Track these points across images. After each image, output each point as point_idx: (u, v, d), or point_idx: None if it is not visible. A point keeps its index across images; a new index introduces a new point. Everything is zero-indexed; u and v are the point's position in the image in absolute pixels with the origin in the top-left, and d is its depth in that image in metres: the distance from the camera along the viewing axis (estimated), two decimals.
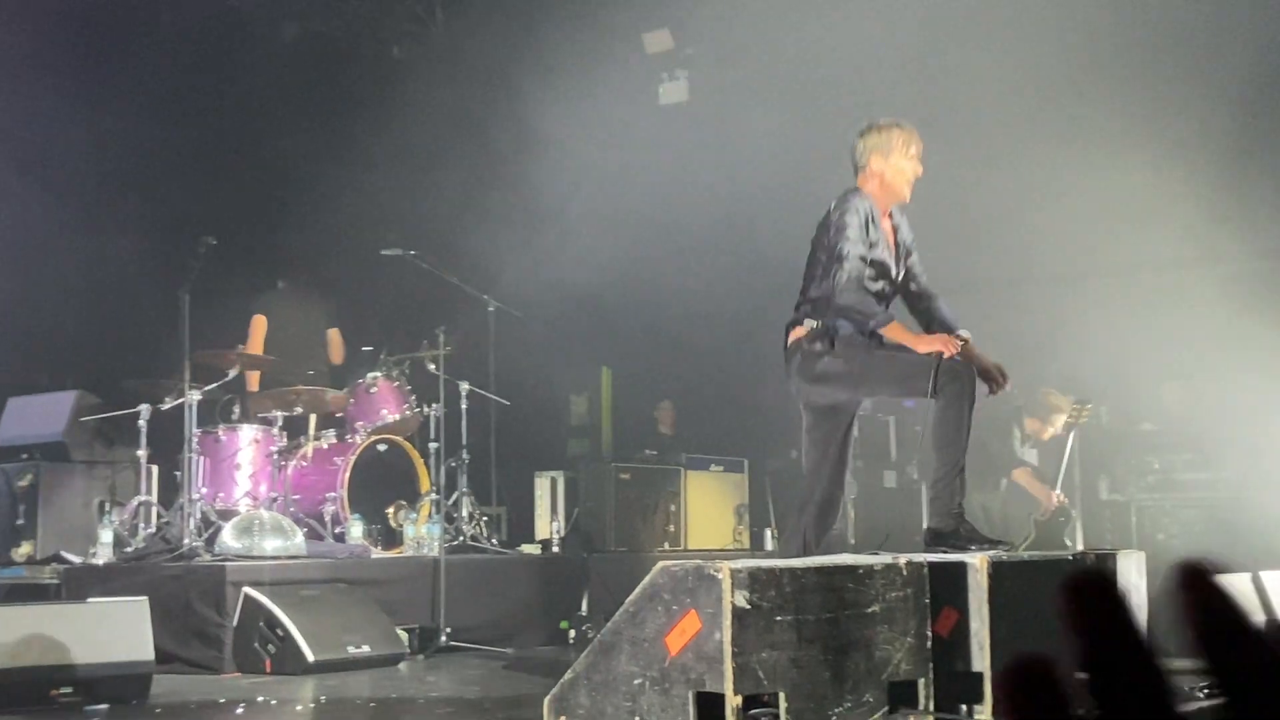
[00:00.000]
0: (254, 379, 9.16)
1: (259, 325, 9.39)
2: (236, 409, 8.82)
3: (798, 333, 5.55)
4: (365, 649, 6.98)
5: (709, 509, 10.67)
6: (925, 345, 5.37)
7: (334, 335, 9.78)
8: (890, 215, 5.69)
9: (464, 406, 9.16)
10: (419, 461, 8.95)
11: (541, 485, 10.34)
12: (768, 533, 10.65)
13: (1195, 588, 0.72)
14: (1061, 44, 9.76)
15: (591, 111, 11.82)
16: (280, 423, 8.60)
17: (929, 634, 4.72)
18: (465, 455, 9.10)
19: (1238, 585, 5.72)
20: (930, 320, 5.77)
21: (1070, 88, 9.92)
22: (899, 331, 5.41)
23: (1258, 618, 0.76)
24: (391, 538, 8.77)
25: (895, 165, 5.58)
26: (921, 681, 4.66)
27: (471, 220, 11.60)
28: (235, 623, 6.94)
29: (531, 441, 11.41)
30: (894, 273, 5.65)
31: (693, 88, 12.56)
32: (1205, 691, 0.73)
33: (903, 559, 4.80)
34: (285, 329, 9.44)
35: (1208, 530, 9.40)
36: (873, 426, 11.33)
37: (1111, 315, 9.75)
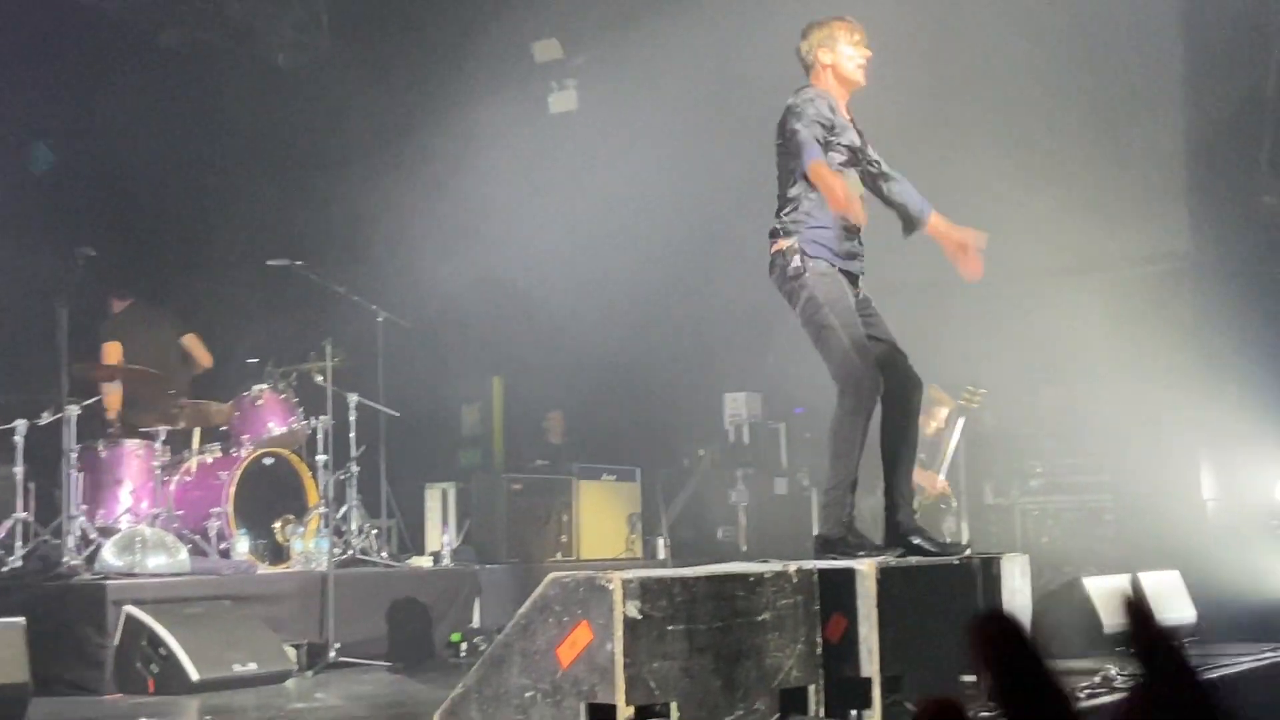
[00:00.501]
0: (113, 398, 8.89)
1: (111, 352, 9.12)
2: (116, 425, 8.63)
3: (777, 245, 5.54)
4: (251, 667, 6.85)
5: (602, 518, 10.66)
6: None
7: (191, 341, 9.55)
8: (857, 129, 5.74)
9: (353, 418, 9.05)
10: (306, 475, 8.82)
11: (432, 497, 10.25)
12: (660, 541, 10.68)
13: (994, 642, 0.77)
14: (940, 59, 9.94)
15: (481, 120, 11.78)
16: (163, 437, 8.42)
17: (819, 640, 4.76)
18: (354, 468, 9.00)
19: (1116, 586, 5.84)
20: (902, 206, 5.81)
21: (952, 99, 10.10)
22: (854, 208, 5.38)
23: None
24: (278, 553, 8.62)
25: (843, 53, 5.68)
26: (812, 688, 4.69)
27: (360, 230, 11.49)
28: (116, 642, 6.78)
29: (422, 453, 11.32)
30: (867, 156, 5.70)
31: (582, 97, 12.56)
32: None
33: (792, 566, 4.83)
34: (137, 348, 9.16)
35: (1089, 533, 9.60)
36: (763, 434, 11.42)
37: (993, 321, 9.92)
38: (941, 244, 5.83)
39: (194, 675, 6.57)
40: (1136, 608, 0.81)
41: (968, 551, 5.71)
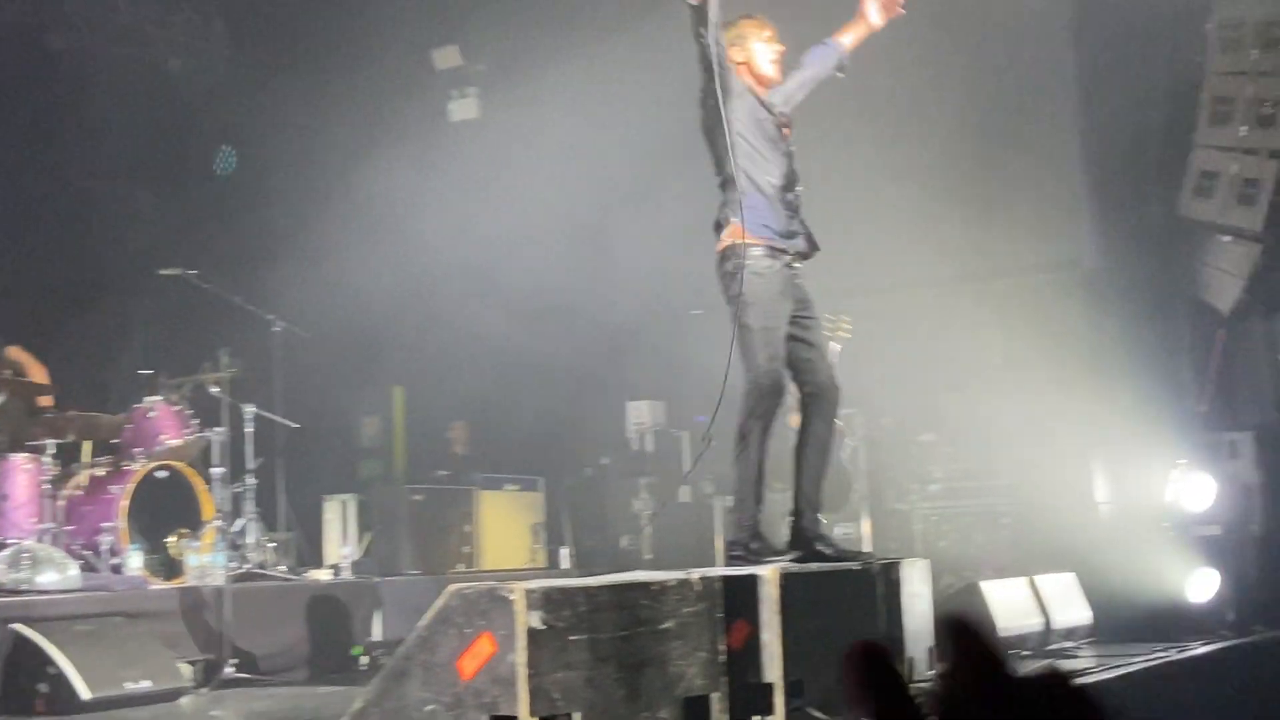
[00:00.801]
0: None
1: None
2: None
3: (721, 242, 5.55)
4: (145, 685, 6.69)
5: (505, 529, 10.59)
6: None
7: (14, 353, 9.11)
8: (771, 106, 5.76)
9: (249, 430, 8.90)
10: (201, 488, 8.65)
11: (332, 509, 10.12)
12: (564, 551, 10.63)
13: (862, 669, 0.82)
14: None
15: (380, 127, 11.68)
16: (52, 451, 8.21)
17: (722, 648, 4.76)
18: (251, 480, 8.85)
19: (1013, 589, 5.91)
20: (822, 62, 5.94)
21: (851, 112, 10.19)
22: None
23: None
24: (173, 568, 8.45)
25: (755, 50, 5.72)
26: (715, 696, 4.69)
27: (256, 238, 11.32)
28: (3, 662, 6.59)
29: (321, 464, 11.16)
30: (788, 155, 5.73)
31: (484, 105, 12.50)
32: None
33: (695, 574, 4.82)
34: None
35: (986, 536, 9.73)
36: (666, 441, 11.43)
37: (893, 329, 10.02)
38: (868, 29, 5.97)
39: (85, 694, 6.40)
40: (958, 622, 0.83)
41: (869, 556, 5.75)
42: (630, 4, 10.75)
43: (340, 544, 9.83)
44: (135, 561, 8.07)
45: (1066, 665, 6.28)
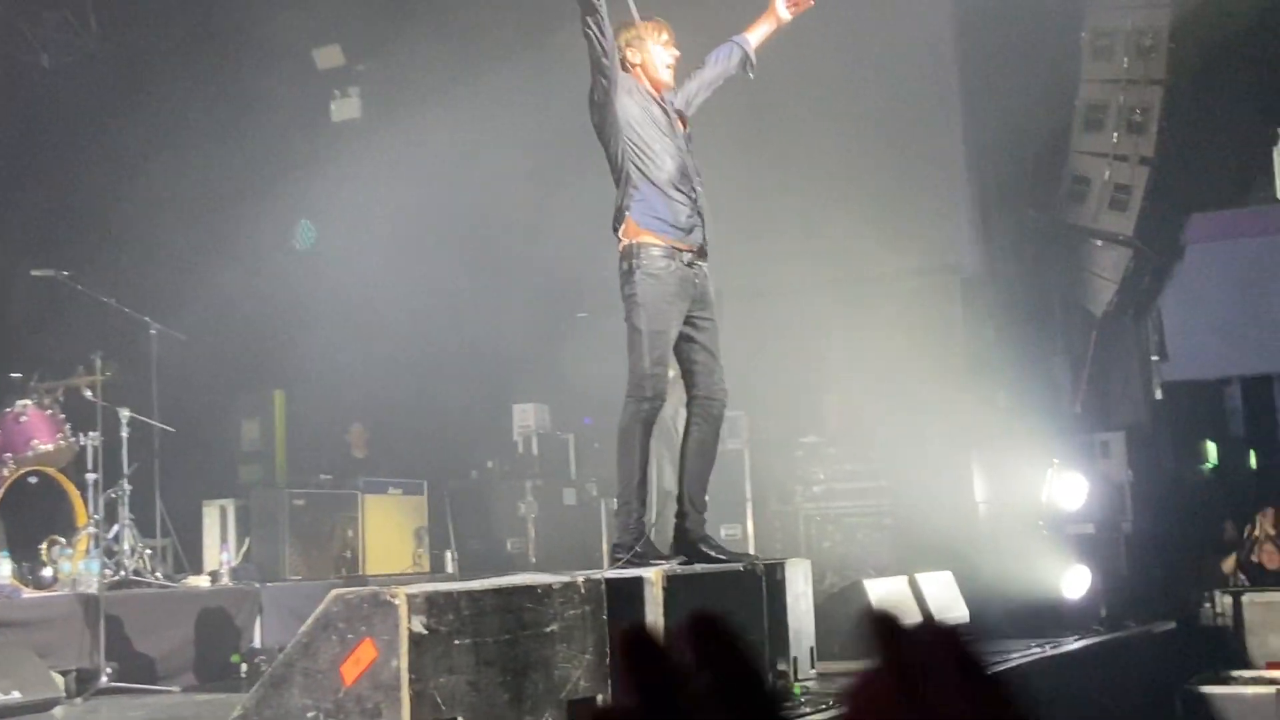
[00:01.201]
0: None
1: None
2: None
3: (619, 243, 5.52)
4: (15, 695, 6.50)
5: (389, 533, 10.49)
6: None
7: None
8: (665, 102, 5.74)
9: (124, 435, 8.69)
10: (75, 494, 8.43)
11: (210, 514, 9.93)
12: (448, 555, 10.56)
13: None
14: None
15: (260, 126, 11.51)
16: None
17: (608, 650, 4.76)
18: (126, 486, 8.65)
19: (894, 587, 6.01)
20: (730, 58, 5.97)
21: (732, 116, 10.26)
22: None
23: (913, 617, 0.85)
24: (45, 576, 8.22)
25: (651, 52, 5.70)
26: (600, 698, 4.69)
27: (132, 239, 11.08)
28: None
29: (200, 469, 10.95)
30: (684, 150, 5.72)
31: (365, 105, 12.37)
32: None
33: (580, 576, 4.82)
34: None
35: (869, 536, 9.86)
36: (552, 444, 11.41)
37: (776, 331, 10.12)
38: (776, 24, 6.01)
39: None
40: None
41: (753, 557, 5.79)
42: (516, 3, 10.74)
43: (219, 549, 9.65)
44: (5, 569, 7.84)
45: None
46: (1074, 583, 9.13)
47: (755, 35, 6.04)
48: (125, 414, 8.72)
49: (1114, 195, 10.49)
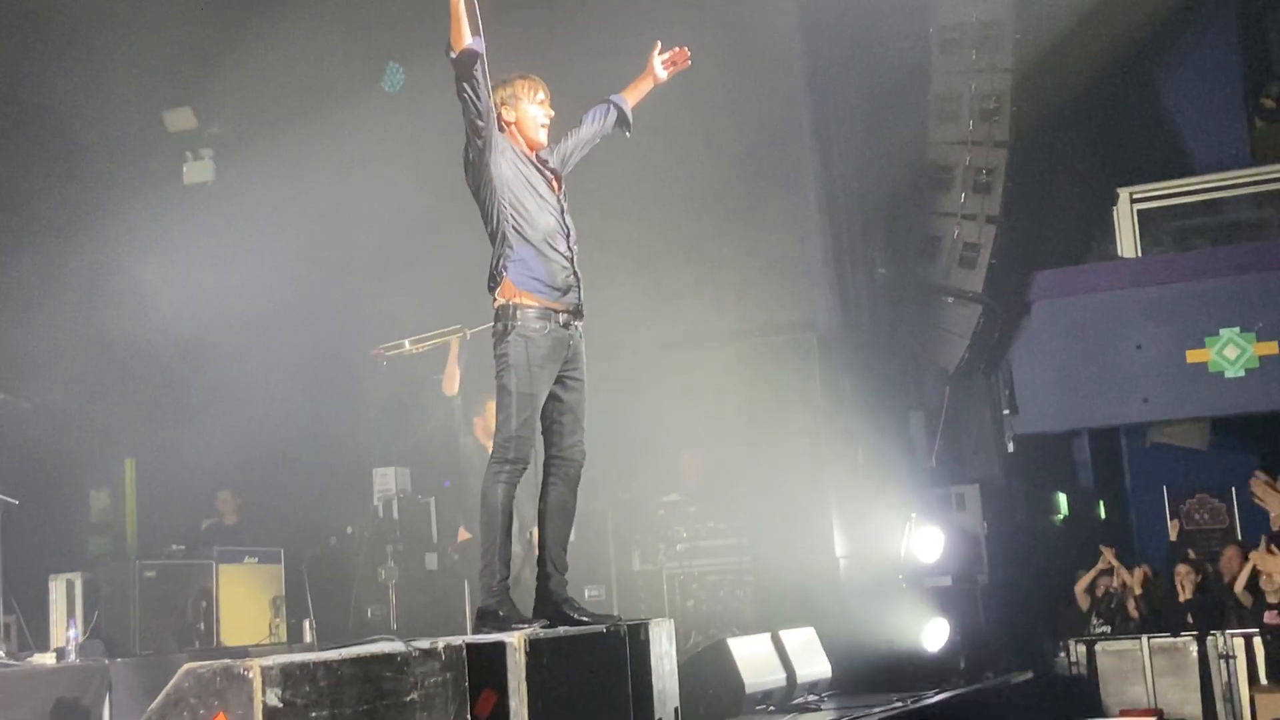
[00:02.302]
0: None
1: None
2: None
3: (496, 300, 5.44)
4: None
5: (244, 603, 10.22)
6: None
7: None
8: (543, 162, 5.72)
9: None
10: None
11: (57, 588, 9.56)
12: (307, 624, 10.32)
13: None
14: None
15: (109, 189, 11.27)
16: None
17: (469, 718, 4.68)
18: None
19: (757, 646, 6.02)
20: (605, 117, 6.00)
21: (588, 176, 10.32)
22: None
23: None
24: None
25: (525, 112, 5.65)
26: None
27: None
28: None
29: (46, 542, 10.57)
30: (559, 210, 5.69)
31: (219, 167, 12.18)
32: None
33: (441, 643, 4.74)
34: None
35: (732, 594, 9.88)
36: (413, 508, 11.25)
37: (634, 391, 10.14)
38: (653, 83, 6.07)
39: None
40: None
41: (615, 619, 5.76)
42: (378, 63, 10.69)
43: (66, 625, 9.30)
44: None
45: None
46: (933, 635, 9.27)
47: (633, 95, 6.07)
48: None
49: (963, 253, 10.79)
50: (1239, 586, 10.55)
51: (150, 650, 9.22)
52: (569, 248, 5.60)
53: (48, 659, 8.76)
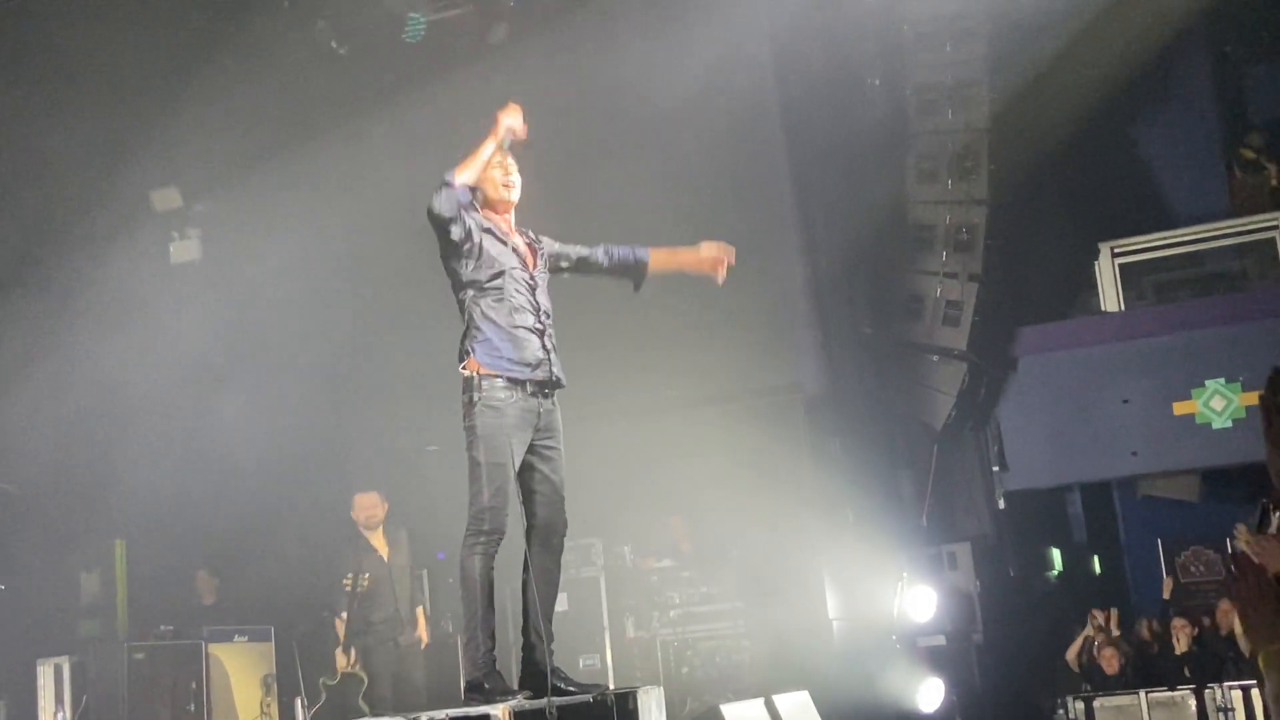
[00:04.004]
0: None
1: None
2: None
3: (461, 373, 5.43)
4: None
5: (235, 683, 10.16)
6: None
7: None
8: (523, 231, 5.71)
9: None
10: None
11: (45, 673, 9.51)
12: (298, 702, 10.23)
13: None
14: (562, 193, 10.22)
15: (96, 273, 11.29)
16: None
17: None
18: None
19: (751, 711, 5.99)
20: (621, 263, 5.87)
21: (577, 233, 10.38)
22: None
23: None
24: None
25: (486, 176, 5.60)
26: None
27: None
28: None
29: (35, 626, 10.50)
30: (560, 256, 5.71)
31: (206, 245, 12.21)
32: None
33: (424, 717, 4.72)
34: None
35: (726, 659, 9.83)
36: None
37: (622, 457, 10.12)
38: (683, 267, 5.90)
39: None
40: None
41: (603, 688, 5.73)
42: (352, 136, 10.76)
43: (54, 711, 9.23)
44: None
45: None
46: (929, 696, 9.21)
47: (661, 261, 5.93)
48: None
49: (946, 311, 10.83)
50: (1239, 630, 10.49)
51: None
52: (539, 323, 5.57)
53: None
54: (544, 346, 5.55)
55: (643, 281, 5.96)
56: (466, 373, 5.47)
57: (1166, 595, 12.41)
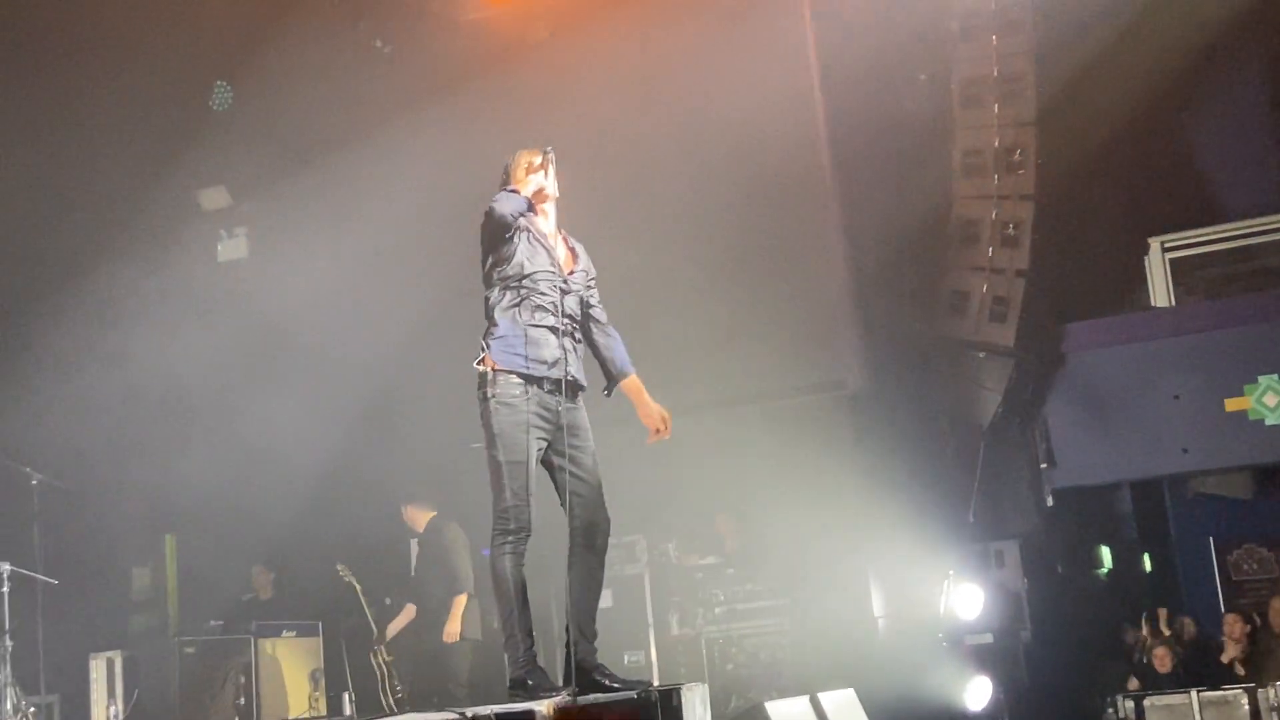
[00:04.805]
0: None
1: None
2: None
3: (477, 370, 5.46)
4: None
5: (284, 677, 10.24)
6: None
7: None
8: (566, 236, 5.76)
9: (5, 589, 8.44)
10: None
11: (98, 667, 9.63)
12: (346, 696, 10.31)
13: None
14: (611, 194, 10.23)
15: (145, 271, 11.42)
16: None
17: None
18: (8, 642, 8.38)
19: (796, 708, 5.97)
20: (605, 360, 5.84)
21: (622, 236, 10.39)
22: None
23: None
24: None
25: (527, 183, 5.62)
26: None
27: (12, 390, 10.86)
28: None
29: (87, 621, 10.63)
30: (587, 296, 5.73)
31: (252, 243, 12.32)
32: None
33: (469, 713, 4.74)
34: None
35: (770, 656, 9.81)
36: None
37: (668, 455, 10.08)
38: (634, 404, 5.92)
39: None
40: None
41: (647, 685, 5.72)
42: (398, 134, 10.81)
43: (106, 704, 9.35)
44: None
45: None
46: (976, 694, 9.15)
47: (630, 387, 5.92)
48: (5, 568, 8.48)
49: (993, 308, 10.74)
50: None
51: None
52: (559, 323, 5.57)
53: None
54: (562, 346, 5.55)
55: (612, 389, 5.95)
56: (481, 369, 5.49)
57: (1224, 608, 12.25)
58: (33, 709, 8.64)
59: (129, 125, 11.20)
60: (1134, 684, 10.72)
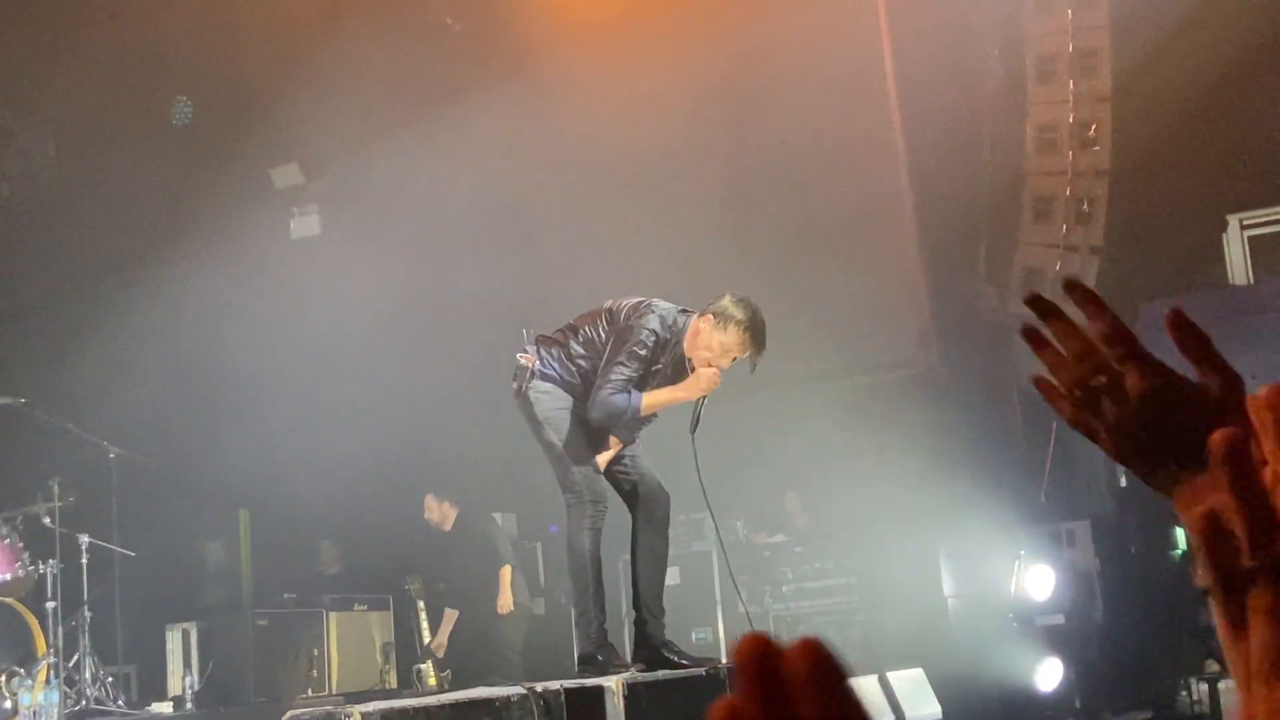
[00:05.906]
0: None
1: None
2: None
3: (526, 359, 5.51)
4: None
5: (355, 650, 10.36)
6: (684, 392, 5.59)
7: None
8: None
9: (84, 561, 8.59)
10: (34, 623, 8.31)
11: (173, 638, 9.79)
12: (415, 670, 10.40)
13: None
14: (677, 173, 10.20)
15: (220, 248, 11.54)
16: None
17: None
18: (87, 613, 8.53)
19: (864, 686, 5.97)
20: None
21: (694, 211, 10.37)
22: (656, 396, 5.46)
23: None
24: (4, 709, 8.07)
25: (707, 342, 5.63)
26: None
27: (91, 364, 11.04)
28: None
29: (162, 593, 10.80)
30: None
31: (324, 221, 12.43)
32: None
33: (540, 687, 4.77)
34: None
35: (839, 634, 9.78)
36: (520, 554, 11.31)
37: (739, 432, 10.10)
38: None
39: None
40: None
41: (715, 661, 5.74)
42: (468, 112, 10.84)
43: (182, 674, 9.50)
44: None
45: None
46: (1047, 675, 9.07)
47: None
48: (85, 540, 8.63)
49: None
50: None
51: (264, 698, 9.37)
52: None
53: (165, 707, 8.97)
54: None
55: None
56: (523, 362, 5.55)
57: None
58: (110, 679, 8.80)
59: (202, 106, 11.33)
60: (1211, 667, 10.57)
